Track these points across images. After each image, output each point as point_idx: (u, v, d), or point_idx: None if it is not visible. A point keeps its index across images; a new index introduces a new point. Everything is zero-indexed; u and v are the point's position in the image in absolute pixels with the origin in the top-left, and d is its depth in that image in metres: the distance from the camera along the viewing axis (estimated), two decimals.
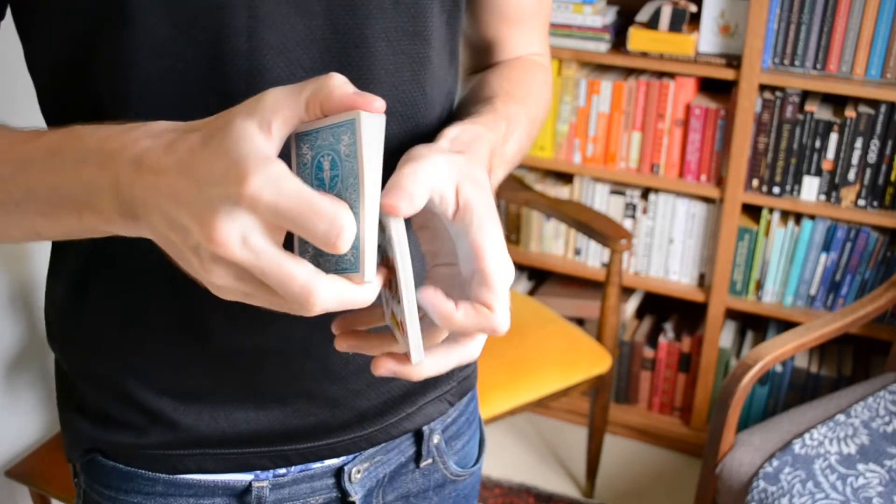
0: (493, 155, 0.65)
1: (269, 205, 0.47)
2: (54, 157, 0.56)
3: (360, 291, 0.52)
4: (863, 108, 2.03)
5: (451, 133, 0.63)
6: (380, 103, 0.50)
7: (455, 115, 0.77)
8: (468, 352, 0.60)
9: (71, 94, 0.67)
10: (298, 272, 0.49)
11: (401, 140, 0.69)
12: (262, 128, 0.49)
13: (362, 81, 0.66)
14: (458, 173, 0.57)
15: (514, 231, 2.50)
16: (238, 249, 0.48)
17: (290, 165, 0.53)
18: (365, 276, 0.51)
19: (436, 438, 0.87)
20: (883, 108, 2.00)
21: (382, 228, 0.55)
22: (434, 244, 0.62)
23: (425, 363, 0.58)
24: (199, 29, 0.61)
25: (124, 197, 0.52)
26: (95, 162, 0.53)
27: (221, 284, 0.50)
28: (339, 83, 0.50)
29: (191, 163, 0.49)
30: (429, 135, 0.67)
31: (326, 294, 0.50)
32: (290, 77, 0.64)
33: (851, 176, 2.08)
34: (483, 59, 0.86)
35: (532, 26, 0.85)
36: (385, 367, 0.58)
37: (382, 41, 0.66)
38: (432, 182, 0.55)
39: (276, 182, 0.47)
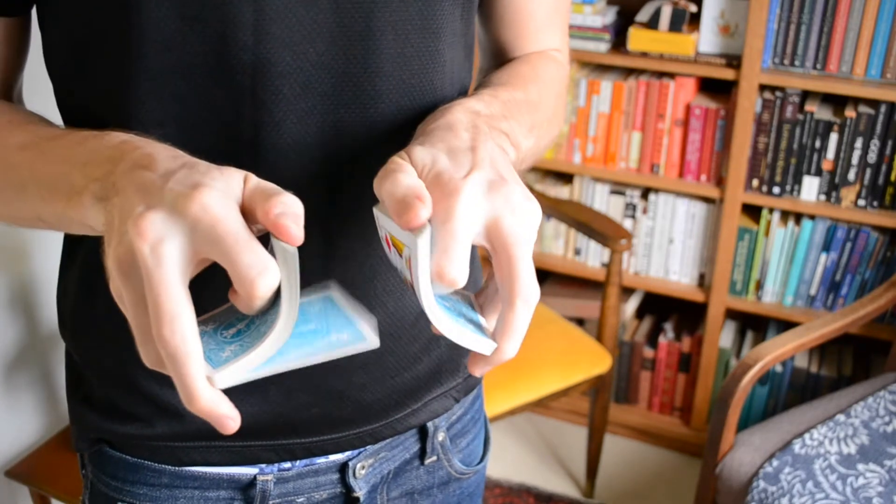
0: (477, 115, 0.63)
1: (214, 217, 0.48)
2: (76, 146, 0.58)
3: (197, 391, 0.49)
4: (863, 108, 2.04)
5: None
6: (293, 241, 0.50)
7: None
8: (525, 293, 0.54)
9: (82, 87, 0.67)
10: (181, 311, 0.47)
11: (410, 134, 0.69)
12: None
13: (368, 74, 0.67)
14: (409, 147, 0.58)
15: None
16: (147, 245, 0.48)
17: None
18: (215, 380, 0.50)
19: (440, 436, 0.87)
20: (883, 108, 2.00)
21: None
22: None
23: (502, 343, 0.56)
24: (205, 23, 0.62)
25: (108, 182, 0.54)
26: (106, 157, 0.55)
27: (114, 269, 0.50)
28: (271, 206, 0.50)
29: (175, 171, 0.52)
30: None
31: (182, 363, 0.48)
32: (297, 70, 0.64)
33: (851, 176, 2.08)
34: (499, 62, 0.84)
35: (547, 27, 0.83)
36: (478, 370, 0.58)
37: (389, 34, 0.66)
38: (410, 177, 0.55)
39: (228, 208, 0.49)
